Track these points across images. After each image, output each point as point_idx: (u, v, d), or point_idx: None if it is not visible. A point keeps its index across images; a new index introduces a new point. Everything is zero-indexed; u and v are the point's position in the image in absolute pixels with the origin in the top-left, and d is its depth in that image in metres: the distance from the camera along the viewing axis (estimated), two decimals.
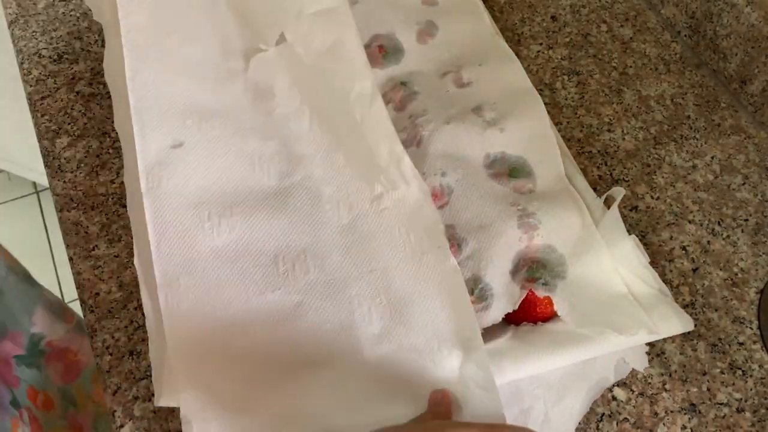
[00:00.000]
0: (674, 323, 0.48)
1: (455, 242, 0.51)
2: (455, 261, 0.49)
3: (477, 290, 0.49)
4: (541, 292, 0.49)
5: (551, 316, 0.49)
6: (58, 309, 0.62)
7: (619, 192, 0.53)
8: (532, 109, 0.59)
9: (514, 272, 0.50)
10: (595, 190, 0.56)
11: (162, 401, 0.45)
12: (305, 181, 0.53)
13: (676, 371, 0.51)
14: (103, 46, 0.61)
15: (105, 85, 0.60)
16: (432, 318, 0.47)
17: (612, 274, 0.51)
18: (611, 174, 0.61)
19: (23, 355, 0.55)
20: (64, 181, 0.58)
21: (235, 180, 0.52)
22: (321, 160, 0.54)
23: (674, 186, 0.60)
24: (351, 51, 0.57)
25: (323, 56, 0.57)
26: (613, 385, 0.50)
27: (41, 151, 0.61)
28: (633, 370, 0.50)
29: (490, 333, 0.49)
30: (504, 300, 0.49)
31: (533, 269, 0.50)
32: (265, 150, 0.54)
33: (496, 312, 0.49)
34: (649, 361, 0.51)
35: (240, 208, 0.51)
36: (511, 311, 0.49)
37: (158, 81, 0.55)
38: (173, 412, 0.48)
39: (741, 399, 0.50)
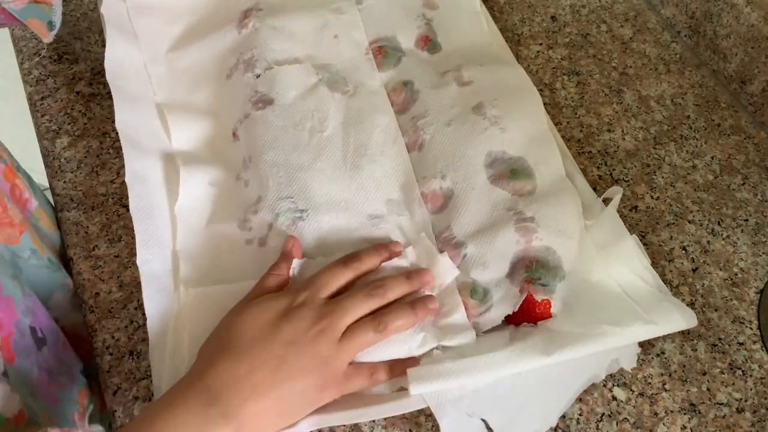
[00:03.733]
0: (676, 318, 0.48)
1: (453, 245, 0.51)
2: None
3: (478, 293, 0.49)
4: (540, 295, 0.49)
5: (550, 317, 0.49)
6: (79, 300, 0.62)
7: (616, 191, 0.53)
8: (532, 109, 0.59)
9: (513, 274, 0.50)
10: (595, 190, 0.56)
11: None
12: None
13: (676, 371, 0.51)
14: (103, 46, 0.62)
15: (105, 85, 0.60)
16: None
17: (610, 275, 0.51)
18: (611, 174, 0.61)
19: None
20: (64, 181, 0.58)
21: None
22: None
23: (674, 186, 0.60)
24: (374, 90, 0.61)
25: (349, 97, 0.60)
26: (613, 385, 0.50)
27: (41, 151, 0.61)
28: (633, 370, 0.50)
29: (488, 331, 0.49)
30: (504, 302, 0.49)
31: (532, 270, 0.50)
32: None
33: (496, 314, 0.49)
34: (649, 361, 0.51)
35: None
36: (510, 313, 0.49)
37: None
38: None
39: (741, 399, 0.50)
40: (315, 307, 0.45)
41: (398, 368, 0.46)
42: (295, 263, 0.49)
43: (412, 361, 0.46)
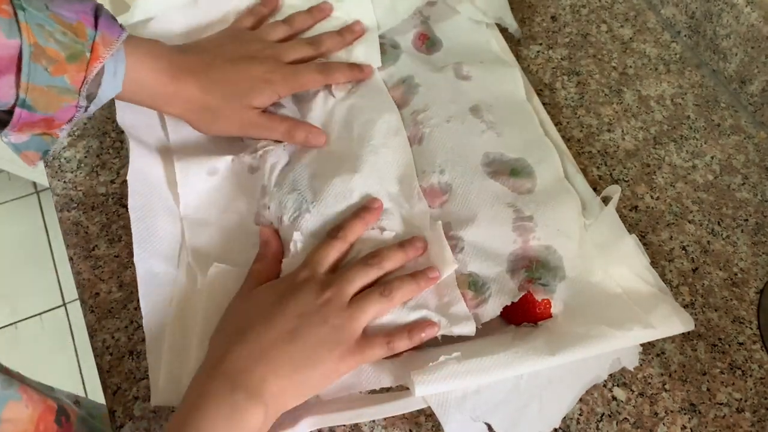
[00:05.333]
0: (674, 322, 0.48)
1: (452, 239, 0.51)
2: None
3: (474, 285, 0.49)
4: (540, 294, 0.49)
5: (550, 317, 0.49)
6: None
7: (614, 190, 0.53)
8: (526, 119, 0.60)
9: (511, 272, 0.50)
10: (595, 190, 0.56)
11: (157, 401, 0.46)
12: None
13: (676, 371, 0.51)
14: None
15: None
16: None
17: (610, 276, 0.51)
18: (611, 174, 0.61)
19: None
20: (64, 181, 0.58)
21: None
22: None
23: (674, 186, 0.60)
24: (376, 84, 0.60)
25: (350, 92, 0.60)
26: (613, 385, 0.50)
27: None
28: (633, 369, 0.50)
29: (490, 332, 0.49)
30: (501, 294, 0.49)
31: (532, 269, 0.50)
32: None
33: (494, 305, 0.49)
34: (649, 361, 0.51)
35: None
36: (508, 304, 0.49)
37: None
38: (173, 412, 0.48)
39: (741, 399, 0.50)
40: (317, 280, 0.46)
41: (416, 333, 0.46)
42: (296, 236, 0.50)
43: (430, 326, 0.47)
